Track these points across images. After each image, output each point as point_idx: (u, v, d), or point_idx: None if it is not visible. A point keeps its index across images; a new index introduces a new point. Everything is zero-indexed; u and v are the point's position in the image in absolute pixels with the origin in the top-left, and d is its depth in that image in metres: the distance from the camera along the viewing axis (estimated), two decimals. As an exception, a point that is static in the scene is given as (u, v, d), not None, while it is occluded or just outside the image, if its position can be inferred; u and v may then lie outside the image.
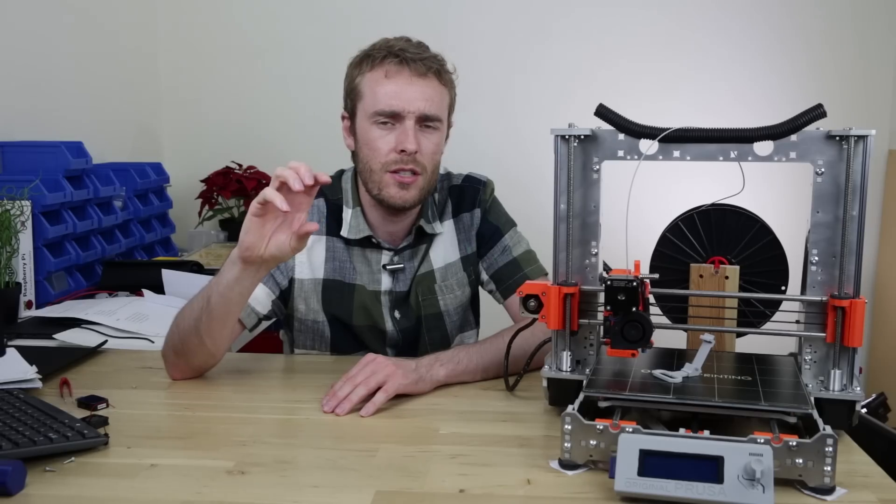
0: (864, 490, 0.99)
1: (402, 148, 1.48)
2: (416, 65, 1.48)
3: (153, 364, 1.49)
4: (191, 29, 3.17)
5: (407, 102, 1.47)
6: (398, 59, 1.48)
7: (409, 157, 1.48)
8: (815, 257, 1.14)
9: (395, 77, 1.48)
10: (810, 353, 1.17)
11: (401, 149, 1.48)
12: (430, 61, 1.50)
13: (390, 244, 1.61)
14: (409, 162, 1.49)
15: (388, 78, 1.48)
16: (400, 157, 1.49)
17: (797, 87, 3.05)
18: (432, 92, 1.50)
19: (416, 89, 1.48)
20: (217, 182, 2.93)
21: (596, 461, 1.04)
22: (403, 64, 1.48)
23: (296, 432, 1.22)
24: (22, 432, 1.08)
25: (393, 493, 1.00)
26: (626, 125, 1.15)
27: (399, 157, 1.49)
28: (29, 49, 2.33)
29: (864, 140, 1.09)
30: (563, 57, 3.11)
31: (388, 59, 1.49)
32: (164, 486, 1.01)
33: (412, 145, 1.47)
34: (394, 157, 1.49)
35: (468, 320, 1.73)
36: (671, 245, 1.35)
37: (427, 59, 1.49)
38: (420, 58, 1.49)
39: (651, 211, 1.66)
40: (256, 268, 1.31)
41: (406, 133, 1.48)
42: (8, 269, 1.83)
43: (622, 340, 1.10)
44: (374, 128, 1.50)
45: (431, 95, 1.49)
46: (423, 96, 1.48)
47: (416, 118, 1.48)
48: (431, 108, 1.49)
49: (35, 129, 2.31)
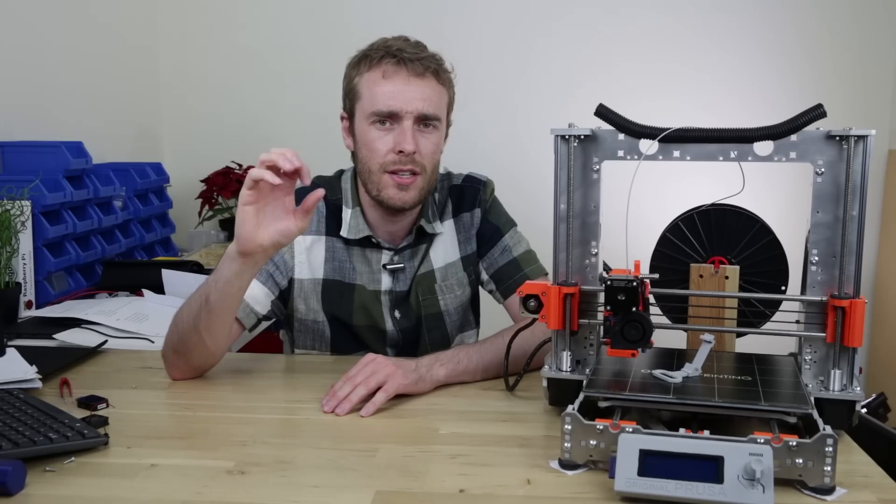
0: (864, 490, 0.99)
1: (400, 149, 1.48)
2: (413, 65, 1.48)
3: (153, 364, 1.49)
4: (191, 29, 3.17)
5: (405, 103, 1.47)
6: (396, 60, 1.48)
7: (408, 157, 1.48)
8: (815, 257, 1.14)
9: (392, 77, 1.48)
10: (810, 353, 1.16)
11: (399, 149, 1.48)
12: (427, 61, 1.50)
13: (390, 244, 1.61)
14: (407, 162, 1.49)
15: (386, 78, 1.48)
16: (398, 158, 1.48)
17: (797, 87, 3.05)
18: (430, 92, 1.50)
19: (414, 89, 1.48)
20: (217, 182, 2.93)
21: (596, 461, 1.04)
22: (401, 64, 1.48)
23: (296, 432, 1.22)
24: (22, 432, 1.08)
25: (393, 493, 1.00)
26: (626, 125, 1.15)
27: (397, 158, 1.49)
28: (29, 49, 2.33)
29: (864, 140, 1.09)
30: (563, 57, 3.11)
31: (386, 59, 1.48)
32: (164, 486, 1.01)
33: (410, 146, 1.47)
34: (392, 158, 1.49)
35: (468, 320, 1.73)
36: (671, 245, 1.35)
37: (425, 59, 1.49)
38: (418, 57, 1.48)
39: (651, 211, 1.66)
40: (256, 259, 1.31)
41: (404, 133, 1.48)
42: (8, 269, 1.83)
43: (622, 340, 1.10)
44: (372, 128, 1.50)
45: (429, 95, 1.49)
46: (421, 96, 1.48)
47: (414, 118, 1.48)
48: (430, 108, 1.49)
49: (35, 129, 2.31)
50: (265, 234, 1.28)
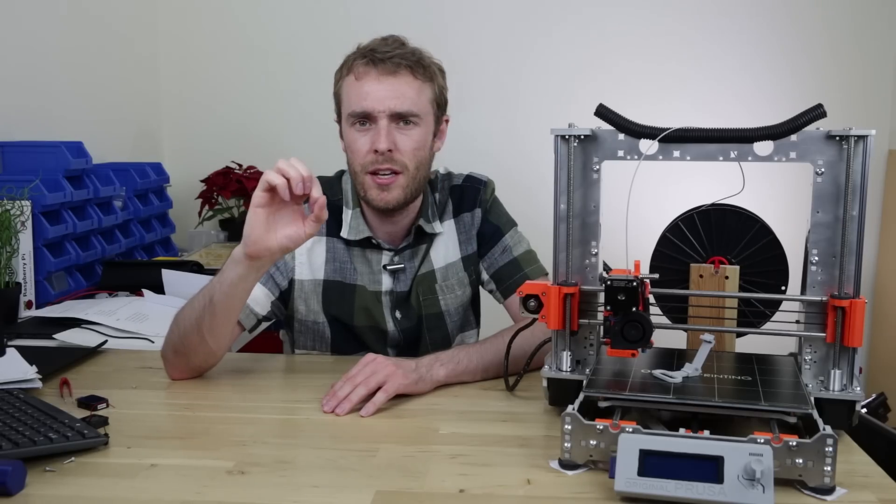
0: (864, 490, 0.99)
1: (375, 147, 1.48)
2: (384, 64, 1.48)
3: (153, 364, 1.49)
4: (191, 29, 3.17)
5: (376, 102, 1.47)
6: (366, 60, 1.49)
7: (385, 156, 1.48)
8: (815, 257, 1.14)
9: (363, 78, 1.49)
10: (810, 353, 1.16)
11: (374, 148, 1.48)
12: (400, 58, 1.49)
13: (390, 244, 1.61)
14: (384, 161, 1.49)
15: (358, 79, 1.49)
16: (376, 158, 1.49)
17: (797, 87, 3.05)
18: (406, 88, 1.49)
19: (385, 87, 1.48)
20: (217, 182, 2.93)
21: (596, 461, 1.04)
22: (371, 64, 1.48)
23: (296, 432, 1.22)
24: (22, 432, 1.08)
25: (393, 493, 1.00)
26: (626, 125, 1.15)
27: (375, 158, 1.49)
28: (29, 49, 2.33)
29: (864, 140, 1.09)
30: (563, 57, 3.11)
31: (358, 60, 1.50)
32: (164, 486, 1.01)
33: (384, 144, 1.47)
34: (371, 158, 1.49)
35: (469, 320, 1.73)
36: (671, 245, 1.35)
37: (396, 56, 1.48)
38: (388, 56, 1.48)
39: (651, 211, 1.66)
40: (262, 262, 1.31)
41: (378, 133, 1.48)
42: (8, 269, 1.83)
43: (622, 340, 1.10)
44: (352, 130, 1.51)
45: (404, 92, 1.49)
46: (394, 94, 1.48)
47: (387, 117, 1.48)
48: (403, 105, 1.49)
49: (35, 129, 2.31)
50: (274, 238, 1.28)
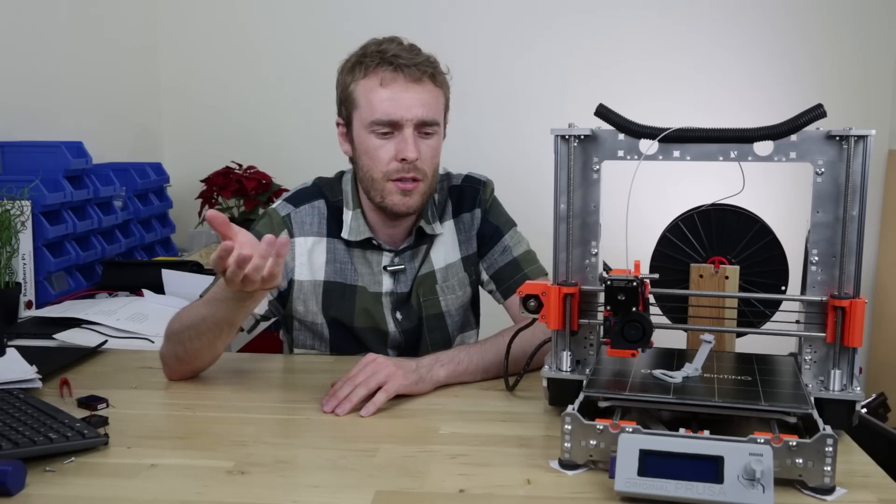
0: (864, 490, 0.99)
1: (402, 157, 1.47)
2: (410, 70, 1.46)
3: (153, 364, 1.49)
4: (191, 29, 3.17)
5: (405, 110, 1.46)
6: (392, 67, 1.46)
7: (410, 164, 1.48)
8: (815, 257, 1.14)
9: (390, 85, 1.46)
10: (810, 353, 1.16)
11: (402, 157, 1.47)
12: (423, 65, 1.48)
13: (391, 245, 1.61)
14: (410, 170, 1.48)
15: (384, 86, 1.46)
16: (401, 166, 1.48)
17: (797, 87, 3.05)
18: (428, 97, 1.48)
19: (413, 96, 1.47)
20: (217, 182, 2.93)
21: (596, 461, 1.04)
22: (398, 71, 1.46)
23: (296, 432, 1.22)
24: (22, 432, 1.08)
25: (393, 493, 1.00)
26: (626, 125, 1.15)
27: (400, 166, 1.48)
28: (29, 49, 2.33)
29: (864, 140, 1.09)
30: (563, 57, 3.11)
31: (382, 66, 1.47)
32: (164, 486, 1.01)
33: (413, 153, 1.47)
34: (395, 167, 1.48)
35: (469, 321, 1.73)
36: (671, 245, 1.35)
37: (420, 64, 1.47)
38: (414, 63, 1.47)
39: (651, 211, 1.66)
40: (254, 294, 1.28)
41: (406, 141, 1.47)
42: (8, 269, 1.83)
43: (622, 340, 1.10)
44: (372, 137, 1.49)
45: (428, 100, 1.48)
46: (420, 102, 1.47)
47: (414, 125, 1.47)
48: (429, 114, 1.48)
49: (35, 129, 2.31)
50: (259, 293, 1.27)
